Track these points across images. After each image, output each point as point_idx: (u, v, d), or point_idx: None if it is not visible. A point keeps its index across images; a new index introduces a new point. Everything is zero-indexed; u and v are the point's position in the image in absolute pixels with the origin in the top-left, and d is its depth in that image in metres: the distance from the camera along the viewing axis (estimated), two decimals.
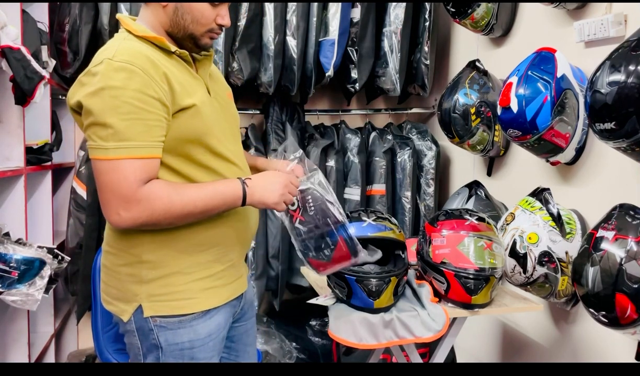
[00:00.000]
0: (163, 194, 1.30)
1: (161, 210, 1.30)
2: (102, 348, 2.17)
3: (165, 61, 1.37)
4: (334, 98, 3.28)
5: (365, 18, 2.85)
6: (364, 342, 1.79)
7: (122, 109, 1.26)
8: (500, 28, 2.46)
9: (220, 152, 1.43)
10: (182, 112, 1.35)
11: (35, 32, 2.38)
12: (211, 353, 1.47)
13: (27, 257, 2.05)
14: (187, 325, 1.42)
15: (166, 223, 1.34)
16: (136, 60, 1.30)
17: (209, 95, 1.46)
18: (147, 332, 1.42)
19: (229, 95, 1.60)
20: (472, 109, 2.37)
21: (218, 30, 1.45)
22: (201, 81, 1.46)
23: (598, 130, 1.49)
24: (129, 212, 1.28)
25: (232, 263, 1.50)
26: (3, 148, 2.25)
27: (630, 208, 1.53)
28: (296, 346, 2.84)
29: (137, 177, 1.28)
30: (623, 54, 1.45)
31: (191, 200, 1.32)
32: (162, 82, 1.31)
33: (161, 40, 1.38)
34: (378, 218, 1.86)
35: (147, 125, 1.29)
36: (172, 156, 1.37)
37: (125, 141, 1.27)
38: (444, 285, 1.85)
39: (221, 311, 1.48)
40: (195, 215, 1.35)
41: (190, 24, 1.40)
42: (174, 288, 1.40)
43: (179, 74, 1.38)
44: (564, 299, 1.99)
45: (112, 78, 1.27)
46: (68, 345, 3.07)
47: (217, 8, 1.42)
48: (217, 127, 1.43)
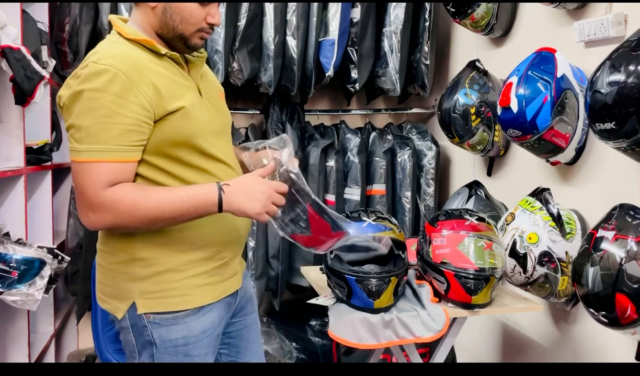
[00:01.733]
0: (127, 198, 1.29)
1: (125, 214, 1.29)
2: (102, 348, 2.17)
3: (155, 64, 1.37)
4: (334, 98, 3.28)
5: (365, 18, 2.85)
6: (364, 342, 1.79)
7: (98, 112, 1.27)
8: (500, 28, 2.46)
9: (210, 152, 1.43)
10: (170, 115, 1.35)
11: (35, 32, 2.38)
12: (206, 350, 1.47)
13: (27, 257, 2.05)
14: (181, 322, 1.42)
15: (133, 226, 1.33)
16: (120, 64, 1.30)
17: (200, 96, 1.45)
18: (141, 329, 1.42)
19: (220, 94, 1.59)
20: (472, 109, 2.37)
21: (208, 29, 1.43)
22: (192, 83, 1.45)
23: (598, 130, 1.49)
24: (95, 215, 1.29)
25: (225, 261, 1.50)
26: (3, 148, 2.25)
27: (630, 208, 1.53)
28: (296, 346, 2.84)
29: (103, 180, 1.28)
30: (623, 54, 1.45)
31: (158, 204, 1.31)
32: (146, 87, 1.31)
33: (151, 43, 1.38)
34: (378, 218, 1.86)
35: (122, 129, 1.28)
36: (161, 157, 1.37)
37: (96, 144, 1.27)
38: (444, 285, 1.85)
39: (215, 308, 1.48)
40: (164, 220, 1.33)
41: (179, 24, 1.39)
42: (167, 285, 1.41)
43: (169, 77, 1.38)
44: (564, 299, 1.99)
45: (93, 81, 1.28)
46: (68, 345, 3.07)
47: (206, 7, 1.40)
48: (207, 128, 1.43)
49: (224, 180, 1.40)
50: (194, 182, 1.40)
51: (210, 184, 1.36)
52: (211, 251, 1.46)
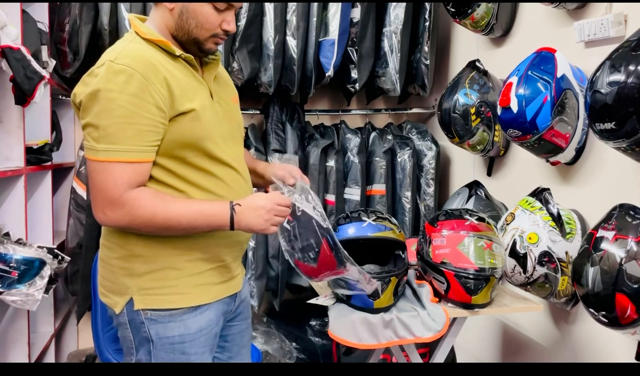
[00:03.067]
0: (148, 204, 1.33)
1: (143, 219, 1.33)
2: (102, 348, 2.17)
3: (170, 65, 1.39)
4: (334, 98, 3.28)
5: (365, 18, 2.85)
6: (364, 342, 1.79)
7: (115, 112, 1.29)
8: (500, 28, 2.46)
9: (218, 156, 1.44)
10: (181, 117, 1.37)
11: (35, 32, 2.38)
12: (203, 349, 1.48)
13: (27, 257, 2.05)
14: (178, 319, 1.44)
15: (147, 231, 1.38)
16: (137, 64, 1.32)
17: (211, 99, 1.47)
18: (139, 325, 1.44)
19: (234, 99, 1.60)
20: (472, 109, 2.37)
21: (223, 35, 1.45)
22: (205, 85, 1.47)
23: (598, 130, 1.49)
24: (113, 213, 1.33)
25: (224, 264, 1.51)
26: (3, 148, 2.25)
27: (630, 208, 1.54)
28: (296, 346, 2.85)
29: (125, 180, 1.31)
30: (623, 54, 1.45)
31: (175, 216, 1.35)
32: (162, 87, 1.33)
33: (166, 43, 1.40)
34: (378, 218, 1.86)
35: (139, 130, 1.31)
36: (169, 159, 1.39)
37: (115, 144, 1.30)
38: (444, 285, 1.85)
39: (212, 308, 1.49)
40: (178, 230, 1.38)
41: (194, 28, 1.41)
42: (165, 282, 1.43)
43: (182, 78, 1.40)
44: (564, 299, 1.99)
45: (110, 81, 1.30)
46: (68, 345, 3.07)
47: (222, 13, 1.42)
48: (216, 131, 1.44)
49: (229, 184, 1.44)
50: (200, 185, 1.42)
51: (223, 203, 1.39)
52: (210, 252, 1.47)
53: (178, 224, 1.35)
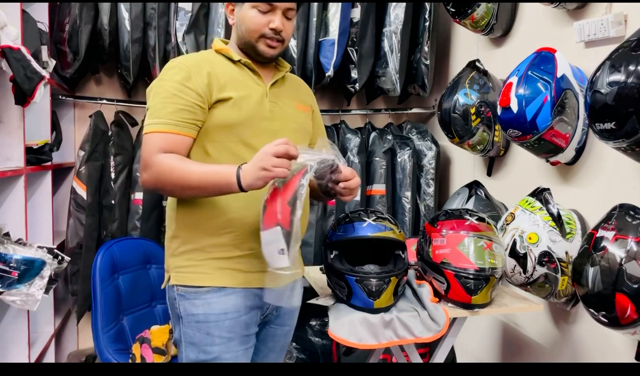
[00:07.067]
0: (167, 162, 1.49)
1: (164, 176, 1.50)
2: (102, 348, 2.17)
3: (227, 66, 1.62)
4: (334, 98, 3.28)
5: (365, 18, 2.85)
6: (364, 342, 1.78)
7: (161, 94, 1.55)
8: (500, 28, 2.46)
9: (252, 144, 1.56)
10: (220, 103, 1.56)
11: (35, 32, 2.38)
12: (229, 334, 1.57)
13: (27, 257, 2.05)
14: (202, 297, 1.57)
15: (169, 189, 1.54)
16: (186, 61, 1.60)
17: (265, 98, 1.63)
18: (173, 301, 1.63)
19: (298, 105, 1.74)
20: (472, 109, 2.37)
21: (272, 35, 1.60)
22: (262, 86, 1.64)
23: (598, 130, 1.49)
24: (145, 173, 1.52)
25: (253, 253, 1.57)
26: (3, 148, 2.25)
27: (630, 208, 1.53)
28: (296, 346, 2.84)
29: (156, 146, 1.50)
30: (623, 54, 1.44)
31: (187, 172, 1.49)
32: (203, 78, 1.55)
33: (226, 50, 1.65)
34: (378, 218, 1.86)
35: (176, 107, 1.52)
36: (209, 142, 1.57)
37: (156, 118, 1.53)
38: (444, 285, 1.85)
39: (239, 294, 1.59)
40: (192, 188, 1.50)
41: (246, 33, 1.61)
42: (194, 262, 1.60)
43: (233, 75, 1.61)
44: (564, 299, 1.99)
45: (165, 73, 1.59)
46: (68, 345, 3.07)
47: (266, 15, 1.59)
48: (259, 124, 1.60)
49: None
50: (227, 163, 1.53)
51: (232, 165, 1.48)
52: (236, 239, 1.58)
53: (190, 180, 1.48)
